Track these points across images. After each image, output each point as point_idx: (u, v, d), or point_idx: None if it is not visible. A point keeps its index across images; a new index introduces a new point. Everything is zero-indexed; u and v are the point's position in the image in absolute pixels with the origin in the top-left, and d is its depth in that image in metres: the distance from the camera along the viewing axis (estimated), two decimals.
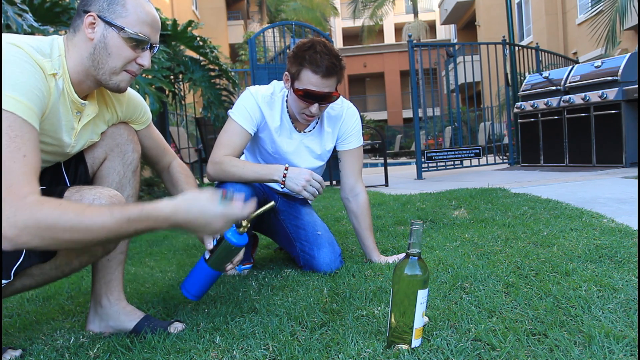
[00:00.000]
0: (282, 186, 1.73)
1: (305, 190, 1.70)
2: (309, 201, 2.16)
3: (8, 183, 0.95)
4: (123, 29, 1.15)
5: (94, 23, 1.15)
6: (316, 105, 1.71)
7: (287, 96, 1.84)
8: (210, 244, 1.33)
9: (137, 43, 1.18)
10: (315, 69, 1.65)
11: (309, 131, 1.91)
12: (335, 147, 1.98)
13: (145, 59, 1.21)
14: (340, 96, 1.85)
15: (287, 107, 1.85)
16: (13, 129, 0.98)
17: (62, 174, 1.31)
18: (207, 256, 1.34)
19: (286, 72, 1.74)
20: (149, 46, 1.21)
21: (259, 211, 1.33)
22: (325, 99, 1.71)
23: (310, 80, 1.66)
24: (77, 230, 0.98)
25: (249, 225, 1.32)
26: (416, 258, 1.07)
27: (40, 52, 1.10)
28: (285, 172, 1.71)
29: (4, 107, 0.98)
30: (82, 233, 0.99)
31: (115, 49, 1.16)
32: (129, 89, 1.33)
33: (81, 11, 1.17)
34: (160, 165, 1.54)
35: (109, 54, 1.16)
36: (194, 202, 1.11)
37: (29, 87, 1.03)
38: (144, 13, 1.18)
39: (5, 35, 1.05)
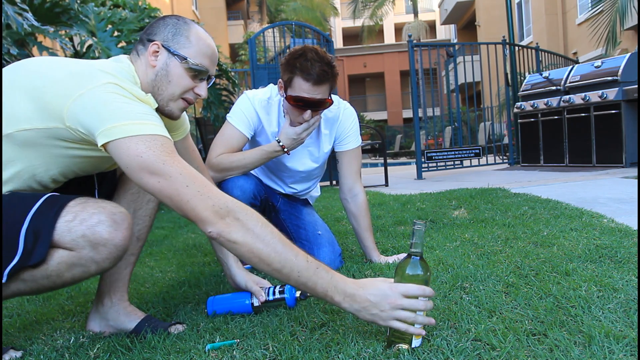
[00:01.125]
0: (288, 154, 1.80)
1: (304, 138, 1.77)
2: (310, 202, 2.16)
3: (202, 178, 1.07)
4: (185, 59, 1.21)
5: (158, 51, 1.22)
6: (309, 112, 1.71)
7: (283, 101, 1.84)
8: (263, 297, 1.42)
9: (197, 73, 1.24)
10: (306, 76, 1.65)
11: None
12: (333, 148, 1.98)
13: (202, 89, 1.27)
14: (337, 97, 1.85)
15: (284, 112, 1.85)
16: (167, 145, 1.06)
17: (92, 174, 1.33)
18: (255, 303, 1.42)
19: (280, 80, 1.75)
20: (206, 77, 1.27)
21: None
22: (317, 105, 1.72)
23: (302, 87, 1.67)
24: (266, 258, 1.07)
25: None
26: (418, 258, 1.07)
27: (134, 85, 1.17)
28: (279, 142, 1.76)
29: (147, 132, 1.04)
30: (264, 260, 1.07)
31: (176, 77, 1.22)
32: None
33: (145, 40, 1.24)
34: None
35: (170, 82, 1.23)
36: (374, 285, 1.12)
37: (154, 114, 1.12)
38: (206, 46, 1.25)
39: (97, 73, 1.10)
